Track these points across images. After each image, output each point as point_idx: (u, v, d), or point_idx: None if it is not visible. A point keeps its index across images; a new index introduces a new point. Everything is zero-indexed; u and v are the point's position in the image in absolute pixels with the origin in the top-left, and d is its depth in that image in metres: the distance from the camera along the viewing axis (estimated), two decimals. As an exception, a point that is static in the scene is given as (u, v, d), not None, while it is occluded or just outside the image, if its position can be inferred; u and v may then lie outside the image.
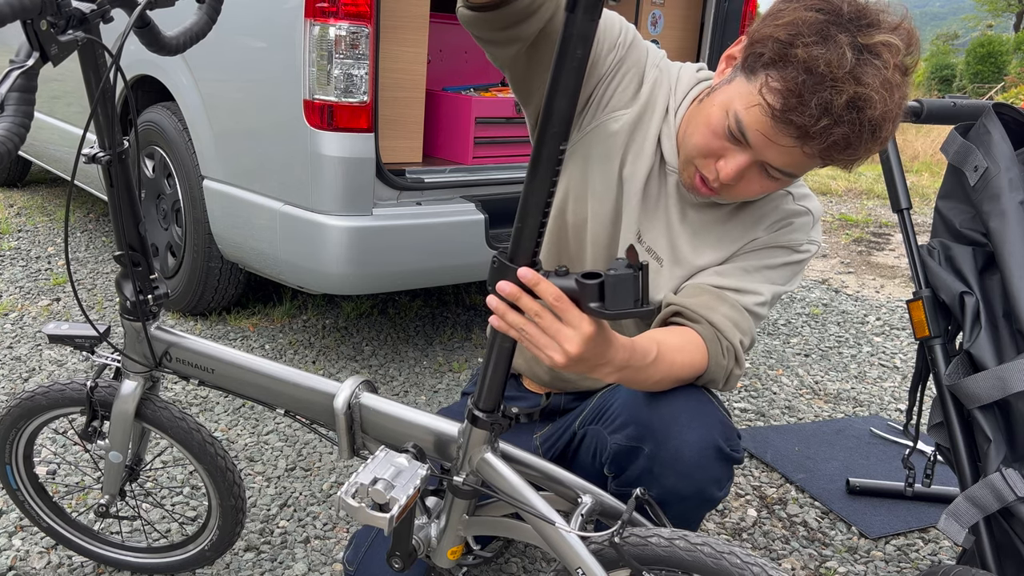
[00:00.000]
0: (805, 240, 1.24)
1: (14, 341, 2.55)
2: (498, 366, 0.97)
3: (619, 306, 0.84)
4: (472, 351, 2.75)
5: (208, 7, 1.17)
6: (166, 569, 1.49)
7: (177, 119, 2.69)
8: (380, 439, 1.12)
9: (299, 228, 2.25)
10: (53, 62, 0.92)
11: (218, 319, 2.86)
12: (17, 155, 3.40)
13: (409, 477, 0.98)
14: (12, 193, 4.54)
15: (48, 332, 1.27)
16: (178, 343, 1.23)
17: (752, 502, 1.96)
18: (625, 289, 0.83)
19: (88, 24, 0.96)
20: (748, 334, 1.17)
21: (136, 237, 1.19)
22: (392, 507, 0.94)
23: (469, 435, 1.02)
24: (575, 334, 0.87)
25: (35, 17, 0.87)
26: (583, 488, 1.05)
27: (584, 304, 0.86)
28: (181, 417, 1.32)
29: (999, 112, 1.40)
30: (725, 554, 0.91)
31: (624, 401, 1.18)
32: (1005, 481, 1.21)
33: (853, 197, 6.49)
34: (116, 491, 1.37)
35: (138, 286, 1.21)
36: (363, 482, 0.95)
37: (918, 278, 1.46)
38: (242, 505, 1.39)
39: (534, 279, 0.86)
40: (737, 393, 2.59)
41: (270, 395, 1.18)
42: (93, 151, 1.12)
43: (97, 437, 1.34)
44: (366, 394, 1.12)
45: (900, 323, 3.42)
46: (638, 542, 0.96)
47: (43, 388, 1.33)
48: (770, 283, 1.22)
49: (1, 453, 1.40)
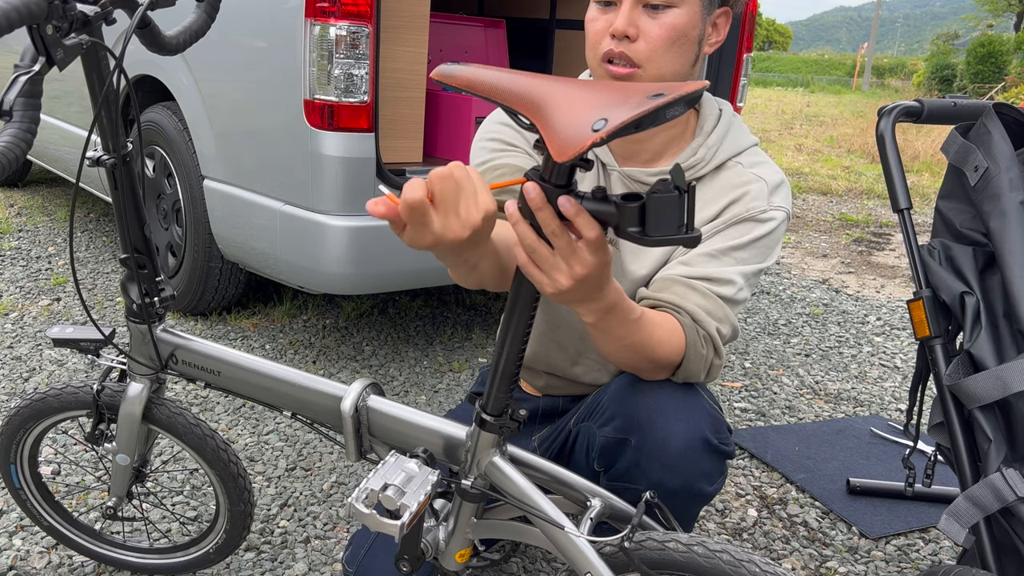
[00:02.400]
0: (765, 206, 1.19)
1: (14, 341, 2.55)
2: (506, 370, 0.96)
3: (662, 231, 0.75)
4: (472, 351, 2.75)
5: (207, 5, 1.16)
6: (169, 570, 1.49)
7: (177, 119, 2.69)
8: (387, 442, 1.11)
9: (299, 228, 2.25)
10: (59, 66, 0.92)
11: (218, 319, 2.86)
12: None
13: (420, 483, 0.97)
14: (12, 193, 4.54)
15: (52, 336, 1.27)
16: (184, 345, 1.23)
17: (752, 502, 1.96)
18: (669, 212, 0.74)
19: (91, 27, 0.96)
20: (725, 322, 1.14)
21: (141, 239, 1.19)
22: (403, 514, 0.93)
23: (477, 438, 1.02)
24: (590, 258, 0.82)
25: (41, 22, 0.87)
26: (592, 491, 1.05)
27: (623, 229, 0.77)
28: (196, 423, 1.32)
29: (999, 112, 1.40)
30: (744, 562, 0.90)
31: (612, 395, 1.17)
32: (1005, 481, 1.21)
33: (853, 197, 6.49)
34: (124, 493, 1.37)
35: (144, 289, 1.21)
36: (373, 488, 0.94)
37: (918, 278, 1.46)
38: (251, 510, 1.39)
39: (574, 210, 0.79)
40: (737, 393, 2.59)
41: (276, 398, 1.18)
42: (97, 154, 1.12)
43: (104, 440, 1.34)
44: (373, 397, 1.11)
45: (900, 323, 3.42)
46: (655, 546, 0.95)
47: (55, 390, 1.33)
48: (741, 264, 1.18)
49: (7, 453, 1.40)
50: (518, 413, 1.01)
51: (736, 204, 1.20)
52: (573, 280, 0.84)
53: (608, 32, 1.14)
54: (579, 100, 0.77)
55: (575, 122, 0.74)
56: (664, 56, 1.14)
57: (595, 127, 0.72)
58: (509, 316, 0.93)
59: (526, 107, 0.80)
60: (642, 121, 0.71)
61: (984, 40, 29.01)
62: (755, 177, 1.22)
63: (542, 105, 0.79)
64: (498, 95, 0.83)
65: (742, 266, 1.18)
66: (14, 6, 0.82)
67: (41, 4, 0.86)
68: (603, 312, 0.95)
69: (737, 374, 2.74)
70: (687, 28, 1.13)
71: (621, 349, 1.04)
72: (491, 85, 0.83)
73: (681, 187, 0.74)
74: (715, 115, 1.26)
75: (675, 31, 1.12)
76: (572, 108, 0.76)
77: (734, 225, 1.20)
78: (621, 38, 1.13)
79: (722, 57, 2.91)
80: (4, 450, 1.40)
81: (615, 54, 1.14)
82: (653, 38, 1.12)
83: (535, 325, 1.39)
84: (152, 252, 1.21)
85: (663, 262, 1.24)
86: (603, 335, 1.01)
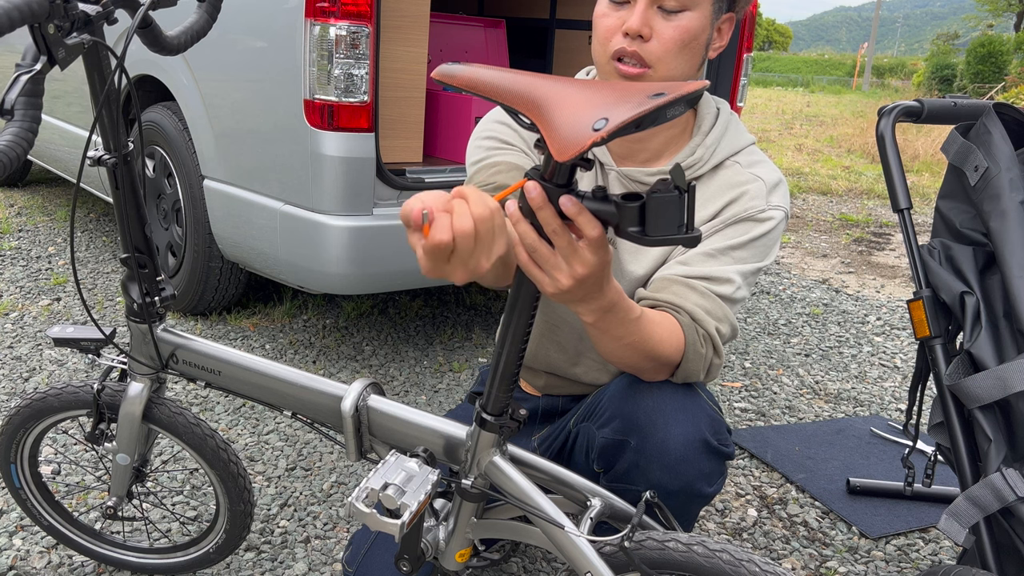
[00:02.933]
0: (764, 206, 1.19)
1: (14, 341, 2.55)
2: (506, 369, 0.96)
3: (662, 231, 0.75)
4: (472, 351, 2.75)
5: (208, 5, 1.16)
6: (169, 569, 1.49)
7: (177, 119, 2.69)
8: (388, 442, 1.11)
9: (299, 228, 2.25)
10: (61, 66, 0.91)
11: (218, 319, 2.86)
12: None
13: (420, 483, 0.97)
14: (12, 193, 4.54)
15: (53, 335, 1.27)
16: (185, 345, 1.23)
17: (752, 502, 1.96)
18: (669, 212, 0.74)
19: (92, 26, 0.96)
20: (724, 321, 1.14)
21: (142, 239, 1.19)
22: (403, 513, 0.93)
23: (477, 438, 1.02)
24: (590, 257, 0.82)
25: (43, 21, 0.87)
26: (592, 491, 1.05)
27: (623, 229, 0.78)
28: (196, 423, 1.32)
29: (999, 112, 1.40)
30: (744, 562, 0.90)
31: (611, 396, 1.17)
32: (1005, 481, 1.21)
33: (853, 197, 6.49)
34: (124, 493, 1.37)
35: (144, 288, 1.21)
36: (374, 487, 0.94)
37: (918, 278, 1.46)
38: (251, 510, 1.39)
39: (576, 209, 0.79)
40: (737, 393, 2.59)
41: (277, 397, 1.18)
42: (98, 153, 1.12)
43: (104, 440, 1.34)
44: (374, 397, 1.11)
45: (900, 323, 3.42)
46: (655, 546, 0.95)
47: (55, 390, 1.33)
48: (739, 263, 1.18)
49: (7, 452, 1.40)
50: (518, 413, 1.01)
51: (734, 204, 1.20)
52: (574, 279, 0.84)
53: (620, 30, 1.13)
54: (580, 99, 0.77)
55: (576, 121, 0.74)
56: (676, 59, 1.14)
57: (596, 126, 0.72)
58: (509, 316, 0.93)
59: (527, 106, 0.80)
60: (643, 120, 0.71)
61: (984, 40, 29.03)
62: (753, 177, 1.22)
63: (543, 104, 0.79)
64: (499, 95, 0.83)
65: (740, 265, 1.18)
66: (16, 5, 0.82)
67: (43, 3, 0.86)
68: (603, 312, 0.95)
69: (737, 374, 2.74)
70: (698, 31, 1.14)
71: (620, 349, 1.04)
72: (492, 85, 0.84)
73: (681, 187, 0.74)
74: (713, 114, 1.26)
75: (688, 34, 1.13)
76: (573, 107, 0.76)
77: (732, 225, 1.20)
78: (635, 37, 1.12)
79: (722, 57, 2.91)
80: (4, 449, 1.40)
81: (627, 53, 1.13)
82: (666, 40, 1.12)
83: (535, 325, 1.39)
84: (153, 251, 1.21)
85: (661, 262, 1.24)
86: (602, 335, 1.01)
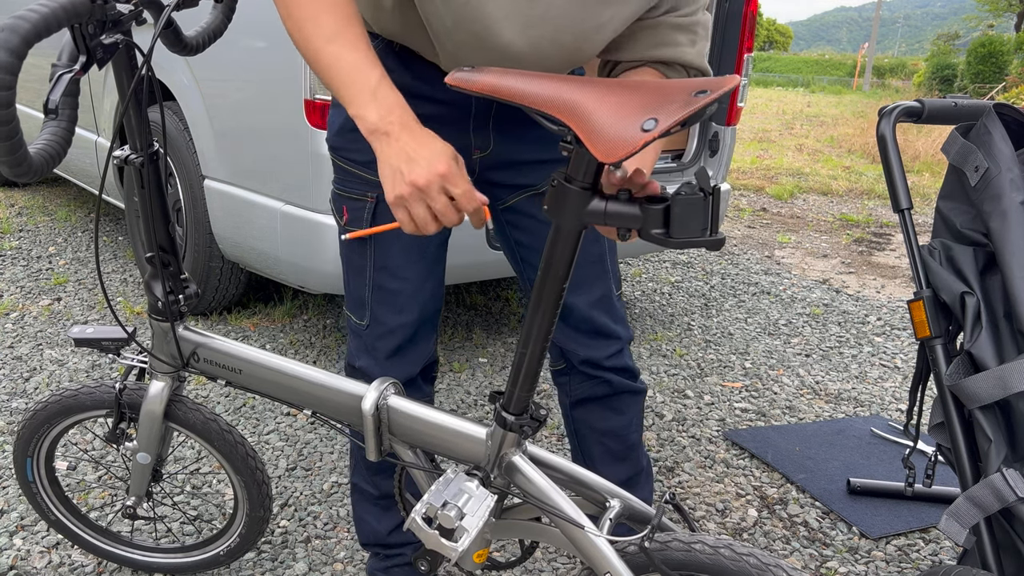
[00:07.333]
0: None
1: (15, 341, 2.55)
2: (529, 368, 0.96)
3: (685, 234, 0.76)
4: (472, 351, 2.75)
5: (224, 6, 1.18)
6: (176, 569, 1.49)
7: (178, 119, 2.69)
8: (407, 441, 1.11)
9: (300, 228, 2.25)
10: (99, 65, 0.92)
11: (219, 319, 2.86)
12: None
13: (478, 506, 0.98)
14: (13, 193, 4.55)
15: (74, 336, 1.28)
16: (206, 344, 1.23)
17: (753, 502, 1.96)
18: (694, 215, 0.75)
19: (123, 26, 0.97)
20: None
21: (166, 238, 1.19)
22: (461, 538, 0.96)
23: (497, 438, 1.02)
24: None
25: (84, 20, 0.88)
26: (611, 492, 1.05)
27: (646, 231, 0.78)
28: (228, 430, 1.33)
29: (1000, 112, 1.40)
30: (771, 567, 0.90)
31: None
32: (1006, 481, 1.21)
33: (854, 197, 6.49)
34: (143, 492, 1.38)
35: (168, 287, 1.22)
36: (433, 503, 0.97)
37: (919, 278, 1.46)
38: (268, 516, 1.39)
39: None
40: (737, 393, 2.59)
41: (297, 396, 1.18)
42: (125, 153, 1.12)
43: (124, 439, 1.35)
44: (394, 396, 1.11)
45: (901, 323, 3.42)
46: (680, 547, 0.95)
47: (88, 388, 1.34)
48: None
49: (27, 446, 1.41)
50: (539, 412, 1.01)
51: None
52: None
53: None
54: (620, 101, 0.77)
55: (622, 123, 0.75)
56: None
57: (645, 127, 0.73)
58: (532, 314, 0.93)
59: (559, 110, 0.80)
60: (689, 119, 0.72)
61: (984, 40, 29.03)
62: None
63: (577, 108, 0.79)
64: (525, 99, 0.82)
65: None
66: (62, 5, 0.83)
67: (85, 3, 0.87)
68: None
69: (737, 374, 2.74)
70: None
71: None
72: (518, 90, 0.82)
73: (706, 190, 0.75)
74: None
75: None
76: (614, 109, 0.77)
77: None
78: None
79: (722, 57, 2.91)
80: (24, 442, 1.40)
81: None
82: None
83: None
84: (176, 250, 1.22)
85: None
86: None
